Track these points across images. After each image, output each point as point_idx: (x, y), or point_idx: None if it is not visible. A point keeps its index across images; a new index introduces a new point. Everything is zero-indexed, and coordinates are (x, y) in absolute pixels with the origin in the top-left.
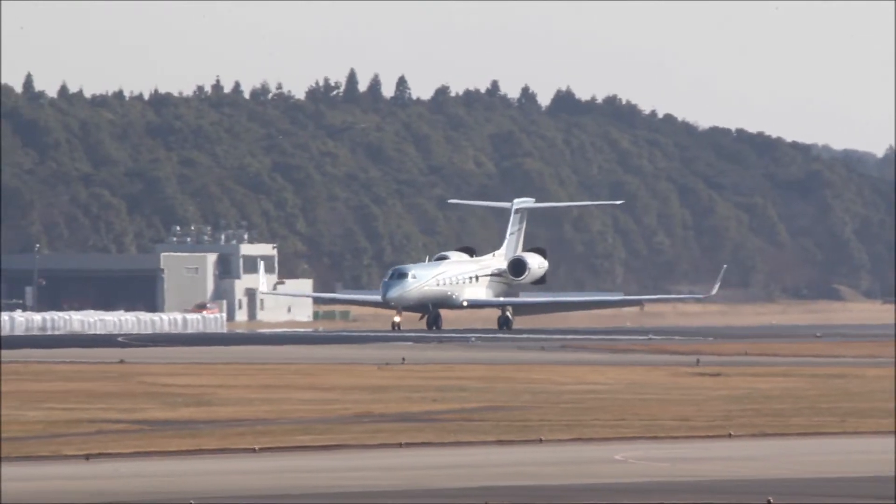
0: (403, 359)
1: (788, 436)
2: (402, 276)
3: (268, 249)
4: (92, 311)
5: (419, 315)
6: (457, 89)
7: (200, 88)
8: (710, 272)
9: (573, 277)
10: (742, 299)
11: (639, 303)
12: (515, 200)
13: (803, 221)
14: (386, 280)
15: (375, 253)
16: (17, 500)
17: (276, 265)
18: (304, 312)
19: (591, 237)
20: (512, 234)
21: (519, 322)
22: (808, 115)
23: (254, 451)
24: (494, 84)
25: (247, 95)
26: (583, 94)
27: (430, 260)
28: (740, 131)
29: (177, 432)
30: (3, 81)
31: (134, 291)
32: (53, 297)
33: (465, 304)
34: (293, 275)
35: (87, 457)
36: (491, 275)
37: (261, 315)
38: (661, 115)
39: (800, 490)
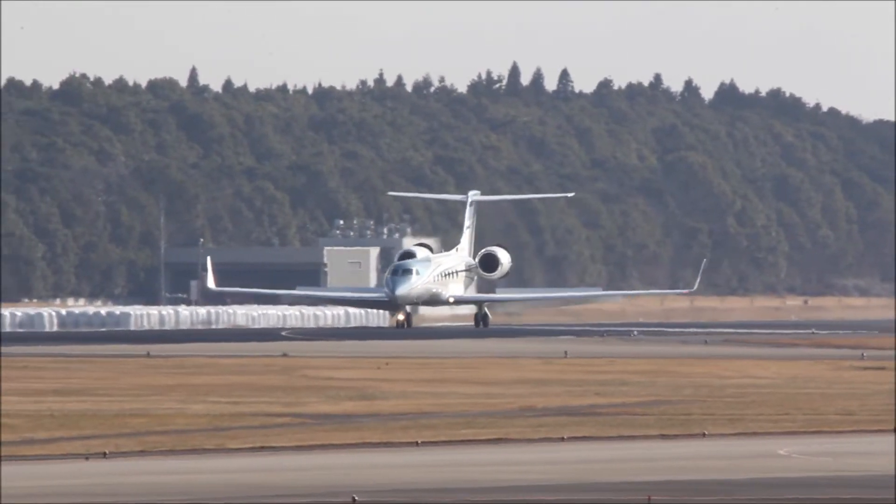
0: (566, 352)
1: None
2: (408, 272)
3: (430, 243)
4: (255, 305)
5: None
6: (619, 83)
7: (363, 82)
8: (876, 266)
9: (737, 271)
10: None
11: (613, 298)
12: (470, 193)
13: None
14: (391, 276)
15: (537, 247)
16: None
17: None
18: (466, 307)
19: (756, 231)
20: (468, 227)
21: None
22: None
23: (416, 444)
24: (657, 77)
25: (409, 89)
26: (746, 88)
27: (397, 257)
28: None
29: (339, 426)
30: (168, 76)
31: (297, 285)
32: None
33: (451, 300)
34: None
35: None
36: (465, 270)
37: (422, 309)
38: (825, 108)
39: None
